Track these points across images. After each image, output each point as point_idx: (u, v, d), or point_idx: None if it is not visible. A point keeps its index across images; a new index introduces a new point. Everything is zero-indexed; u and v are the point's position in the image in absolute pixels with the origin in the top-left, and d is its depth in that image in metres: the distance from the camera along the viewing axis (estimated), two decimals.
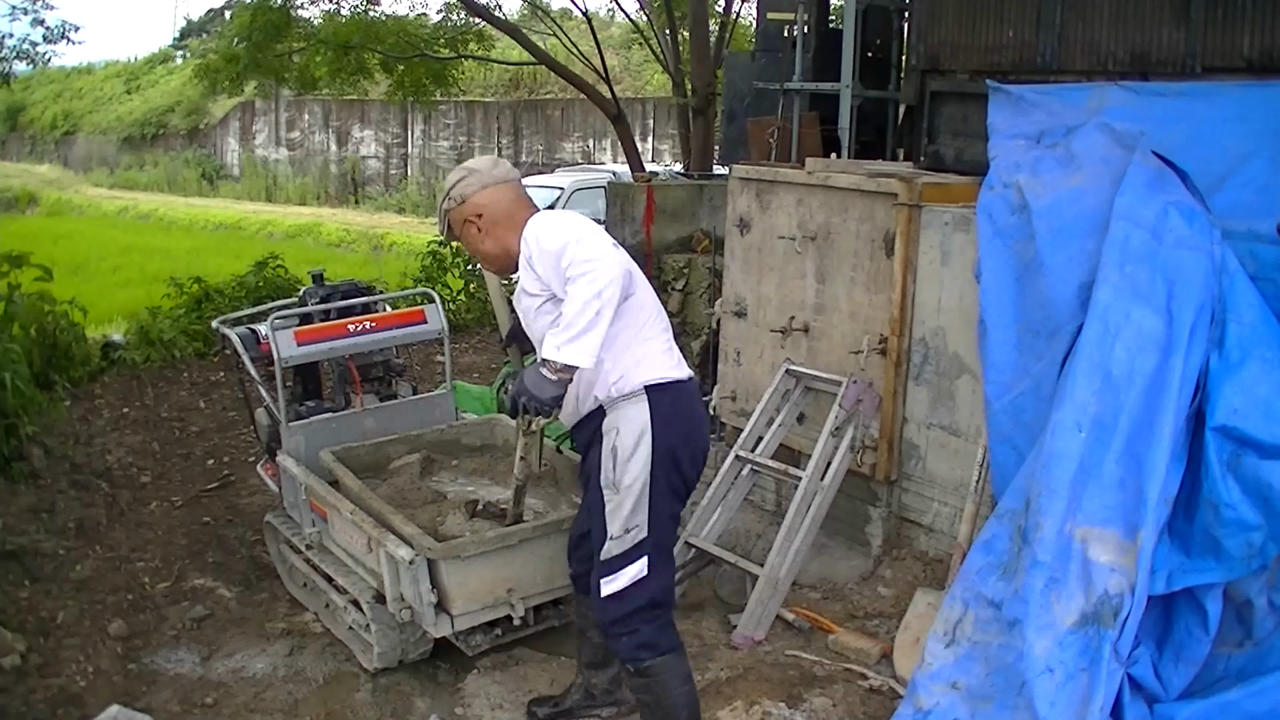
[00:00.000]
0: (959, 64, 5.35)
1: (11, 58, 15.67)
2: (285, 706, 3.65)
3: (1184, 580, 2.99)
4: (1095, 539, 2.88)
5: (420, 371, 7.24)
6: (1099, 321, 3.10)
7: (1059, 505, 2.94)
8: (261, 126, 32.16)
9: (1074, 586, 2.85)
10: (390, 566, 3.49)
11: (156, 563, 4.69)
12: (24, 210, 29.03)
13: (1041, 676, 2.76)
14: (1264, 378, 2.99)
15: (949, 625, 3.07)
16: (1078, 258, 3.29)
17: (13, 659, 3.73)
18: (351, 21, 12.76)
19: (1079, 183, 3.41)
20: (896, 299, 4.27)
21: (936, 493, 4.28)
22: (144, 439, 6.04)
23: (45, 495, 5.03)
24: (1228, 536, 2.92)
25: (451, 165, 28.57)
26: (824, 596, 4.37)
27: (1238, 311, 3.08)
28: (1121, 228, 3.17)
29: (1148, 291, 3.08)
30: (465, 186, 3.14)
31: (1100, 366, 3.04)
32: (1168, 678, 3.03)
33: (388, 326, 4.47)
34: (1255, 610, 2.99)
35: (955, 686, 2.95)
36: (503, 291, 3.67)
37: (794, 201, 4.72)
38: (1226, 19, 4.37)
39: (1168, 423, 2.93)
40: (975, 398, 4.01)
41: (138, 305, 9.86)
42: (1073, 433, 3.00)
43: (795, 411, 4.68)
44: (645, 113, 23.75)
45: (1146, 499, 2.88)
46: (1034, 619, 2.85)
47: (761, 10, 7.91)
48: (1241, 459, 2.94)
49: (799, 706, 3.47)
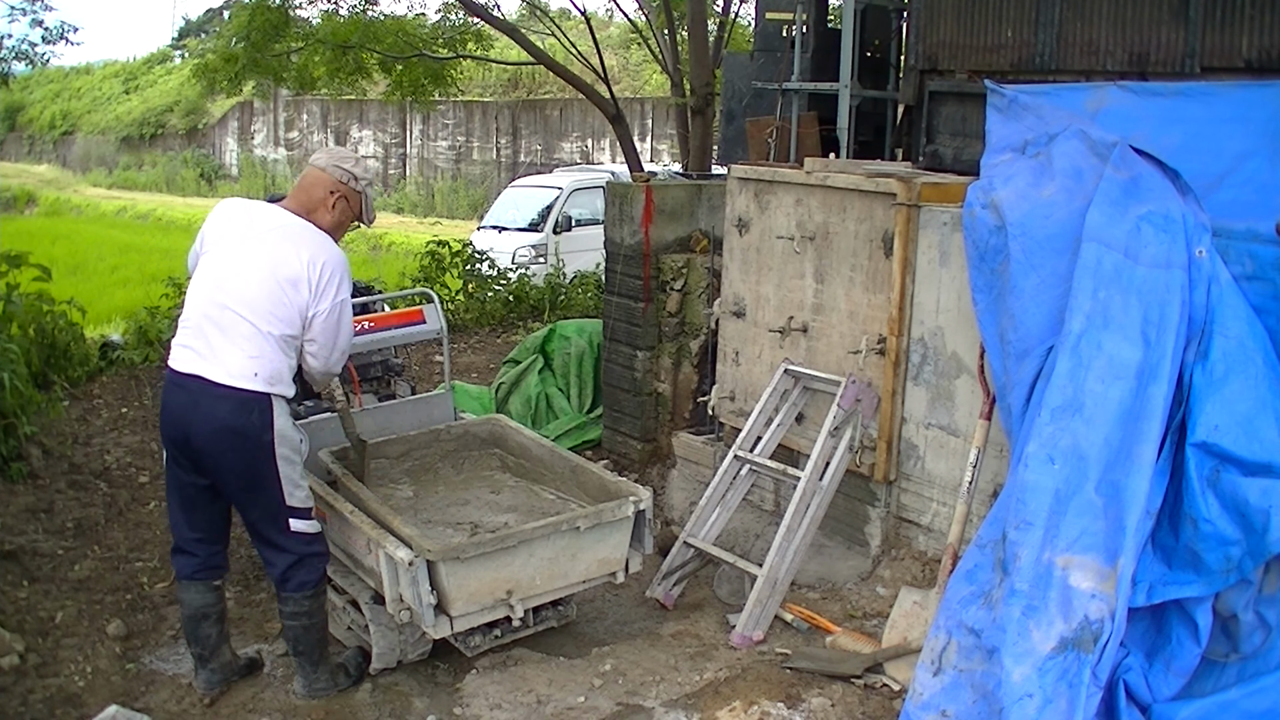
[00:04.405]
0: (957, 64, 5.36)
1: (10, 58, 15.68)
2: (284, 707, 3.65)
3: (1164, 593, 3.01)
4: (1076, 566, 2.90)
5: (419, 371, 7.23)
6: (1071, 353, 3.09)
7: (1035, 535, 2.96)
8: (260, 126, 32.16)
9: (1053, 613, 2.87)
10: (389, 567, 3.49)
11: (155, 563, 4.69)
12: (22, 210, 29.04)
13: (1020, 702, 2.78)
14: (1246, 394, 2.99)
15: (935, 654, 3.08)
16: (1049, 280, 3.30)
17: (11, 659, 3.73)
18: (350, 21, 12.76)
19: (1050, 194, 3.40)
20: (895, 299, 4.27)
21: (935, 493, 4.28)
22: (142, 439, 6.03)
23: (44, 495, 5.02)
24: (1207, 550, 2.94)
25: (450, 165, 28.74)
26: (822, 596, 4.37)
27: (1224, 324, 3.07)
28: (1093, 250, 3.16)
29: (1121, 318, 3.07)
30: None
31: (1074, 401, 3.04)
32: (1158, 687, 3.04)
33: (386, 326, 4.47)
34: (1241, 625, 3.01)
35: (945, 715, 2.97)
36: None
37: (792, 201, 4.72)
38: (1225, 19, 4.38)
39: (1147, 450, 2.95)
40: (974, 398, 4.02)
41: (136, 305, 9.83)
42: (1045, 465, 3.01)
43: (794, 411, 4.69)
44: (644, 113, 23.77)
45: (1125, 527, 2.90)
46: (1011, 646, 2.87)
47: (760, 10, 7.91)
48: (1221, 475, 2.95)
49: (798, 707, 3.47)
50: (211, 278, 3.48)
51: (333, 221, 3.61)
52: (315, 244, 3.52)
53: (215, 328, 3.42)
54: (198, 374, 3.41)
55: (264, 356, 3.41)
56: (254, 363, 3.39)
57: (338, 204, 3.61)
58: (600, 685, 3.67)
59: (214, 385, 3.38)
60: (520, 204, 14.87)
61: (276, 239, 3.49)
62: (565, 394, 6.39)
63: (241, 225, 3.54)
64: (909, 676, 3.29)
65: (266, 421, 3.42)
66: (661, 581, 4.46)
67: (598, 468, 4.30)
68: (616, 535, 3.82)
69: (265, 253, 3.46)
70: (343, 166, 3.63)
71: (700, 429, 5.67)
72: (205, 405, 3.39)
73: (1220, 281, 3.13)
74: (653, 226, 5.71)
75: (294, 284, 3.44)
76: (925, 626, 3.53)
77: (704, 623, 4.22)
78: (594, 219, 12.94)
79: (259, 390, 3.40)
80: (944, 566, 3.74)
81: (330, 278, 3.49)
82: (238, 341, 3.40)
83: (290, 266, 3.45)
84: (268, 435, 3.42)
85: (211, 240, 3.55)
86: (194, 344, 3.44)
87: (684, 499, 5.43)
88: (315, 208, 3.59)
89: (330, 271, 3.50)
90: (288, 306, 3.44)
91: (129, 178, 33.47)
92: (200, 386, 3.40)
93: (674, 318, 5.80)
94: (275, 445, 3.44)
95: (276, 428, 3.44)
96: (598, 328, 6.33)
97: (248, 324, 3.40)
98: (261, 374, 3.40)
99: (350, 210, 3.66)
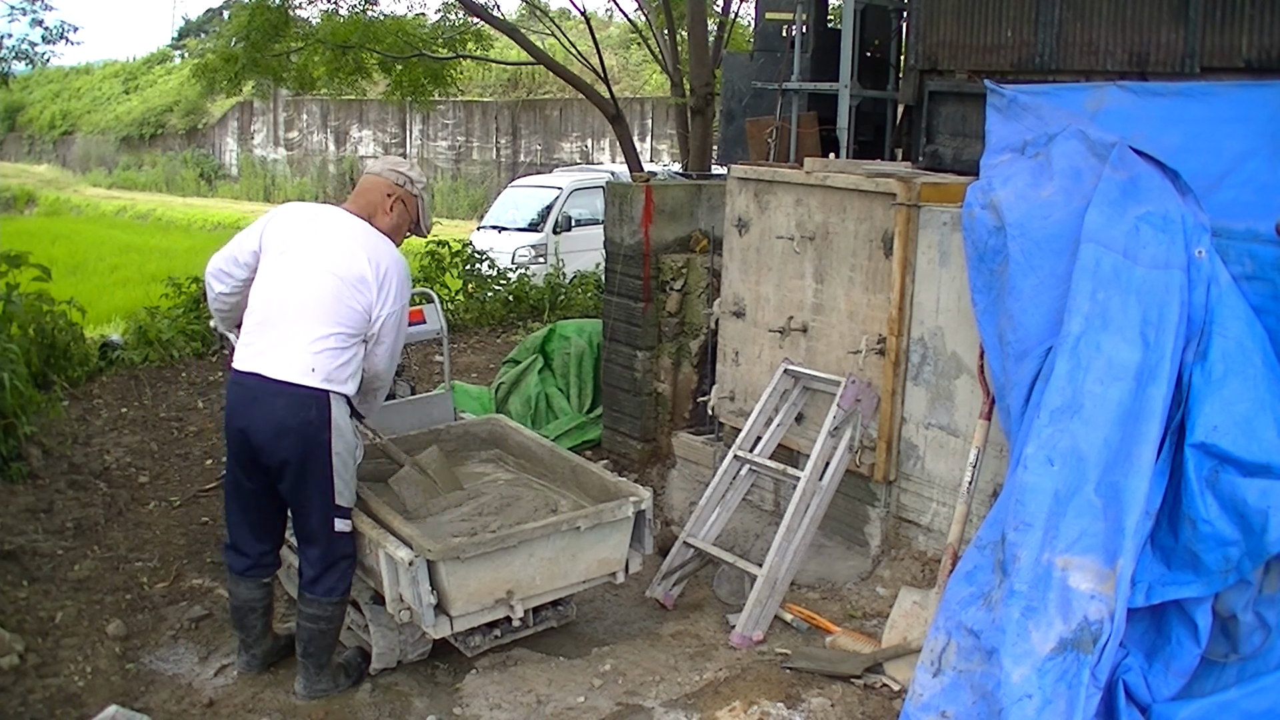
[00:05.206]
0: (957, 64, 5.36)
1: (10, 58, 15.70)
2: (284, 707, 3.65)
3: (1163, 593, 3.01)
4: (1076, 567, 2.90)
5: (419, 371, 7.23)
6: (1070, 354, 3.09)
7: (1035, 536, 2.96)
8: (260, 126, 32.16)
9: (1052, 614, 2.87)
10: (389, 567, 3.49)
11: (155, 563, 4.69)
12: (22, 210, 29.06)
13: (1019, 703, 2.79)
14: (1245, 394, 2.99)
15: (934, 655, 3.09)
16: (1048, 281, 3.31)
17: (11, 659, 3.73)
18: (349, 21, 12.77)
19: (1048, 195, 3.41)
20: (895, 299, 4.27)
21: (935, 493, 4.29)
22: (142, 439, 6.04)
23: (43, 495, 5.03)
24: (1205, 551, 2.95)
25: (450, 165, 28.74)
26: (822, 596, 4.37)
27: (1223, 325, 3.07)
28: (1091, 251, 3.16)
29: (1120, 319, 3.07)
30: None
31: (1073, 402, 3.04)
32: (1157, 688, 3.05)
33: None
34: (1241, 625, 3.01)
35: (944, 716, 2.97)
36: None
37: (792, 201, 4.72)
38: (1225, 19, 4.38)
39: (1146, 451, 2.95)
40: (974, 398, 4.02)
41: (136, 305, 9.86)
42: (1044, 466, 3.02)
43: (794, 411, 4.69)
44: (644, 113, 23.78)
45: (1124, 528, 2.90)
46: (1010, 647, 2.87)
47: (760, 10, 7.90)
48: (1220, 476, 2.95)
49: (797, 707, 3.47)
50: (276, 278, 3.54)
51: (391, 224, 3.70)
52: (378, 245, 3.60)
53: (276, 327, 3.48)
54: (257, 371, 3.46)
55: (323, 354, 3.46)
56: (313, 359, 3.45)
57: (395, 206, 3.70)
58: (600, 685, 3.67)
59: (272, 382, 3.44)
60: (520, 204, 14.87)
61: (340, 240, 3.57)
62: (565, 394, 6.39)
63: (306, 228, 3.61)
64: (909, 677, 3.29)
65: (325, 419, 3.46)
66: (661, 581, 4.46)
67: (598, 468, 4.30)
68: (616, 535, 3.83)
69: (329, 253, 3.53)
70: (399, 170, 3.76)
71: (700, 429, 5.67)
72: (264, 401, 3.45)
73: (1219, 282, 3.13)
74: (652, 226, 5.71)
75: (358, 284, 3.51)
76: (925, 627, 3.53)
77: (704, 623, 4.22)
78: (594, 219, 12.94)
79: (317, 387, 3.45)
80: (944, 567, 3.74)
81: (394, 280, 3.57)
82: (297, 339, 3.45)
83: (355, 267, 3.51)
84: (325, 433, 3.46)
85: (276, 242, 3.59)
86: (256, 343, 3.51)
87: (684, 499, 5.43)
88: (374, 211, 3.68)
89: (394, 274, 3.58)
90: (350, 306, 3.49)
91: (129, 178, 33.48)
92: (259, 384, 3.45)
93: (674, 318, 5.80)
94: (332, 443, 3.48)
95: (334, 425, 3.48)
96: (597, 328, 6.33)
97: (308, 323, 3.46)
98: (320, 370, 3.45)
99: (407, 214, 3.76)
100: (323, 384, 3.45)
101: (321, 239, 3.56)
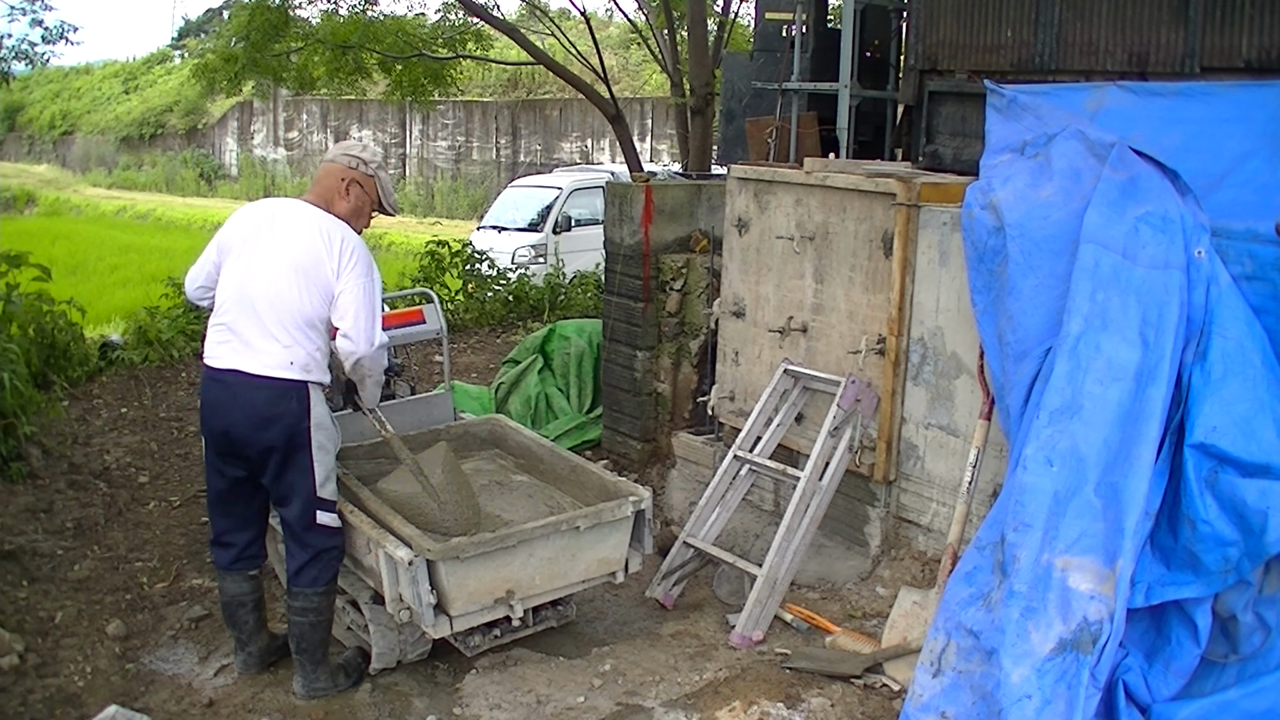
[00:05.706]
0: (957, 64, 5.35)
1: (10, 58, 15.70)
2: (284, 707, 3.65)
3: (1163, 594, 3.01)
4: (1075, 568, 2.90)
5: (419, 371, 7.23)
6: (1069, 355, 3.09)
7: (1034, 537, 2.96)
8: (259, 126, 32.15)
9: (1052, 614, 2.87)
10: (389, 567, 3.49)
11: (155, 563, 4.69)
12: (22, 210, 29.05)
13: (1019, 704, 2.79)
14: (1245, 395, 2.99)
15: (934, 656, 3.09)
16: (1047, 281, 3.31)
17: (11, 659, 3.73)
18: (349, 21, 12.77)
19: (1048, 195, 3.41)
20: (895, 299, 4.27)
21: (935, 493, 4.28)
22: (142, 439, 6.04)
23: (43, 495, 5.03)
24: (1205, 551, 2.95)
25: (450, 165, 28.72)
26: (822, 596, 4.37)
27: (1223, 326, 3.07)
28: (1091, 252, 3.16)
29: (1120, 319, 3.07)
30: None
31: (1072, 403, 3.04)
32: (1157, 688, 3.05)
33: (386, 326, 4.46)
34: (1241, 625, 3.01)
35: (944, 716, 2.98)
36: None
37: (792, 201, 4.72)
38: (1225, 19, 4.38)
39: (1145, 452, 2.95)
40: (973, 398, 4.02)
41: (136, 305, 9.85)
42: (1043, 467, 3.02)
43: (794, 411, 4.69)
44: (644, 113, 23.77)
45: (1124, 528, 2.90)
46: (1010, 648, 2.87)
47: (760, 10, 7.90)
48: (1219, 476, 2.95)
49: (797, 707, 3.47)
50: (238, 275, 3.57)
51: (350, 208, 3.71)
52: (332, 225, 3.62)
53: (247, 323, 3.52)
54: (235, 368, 3.51)
55: (297, 345, 3.51)
56: (288, 352, 3.50)
57: (351, 189, 3.70)
58: (600, 685, 3.67)
59: (252, 377, 3.48)
60: (520, 204, 14.87)
61: (296, 229, 3.59)
62: (565, 394, 6.39)
63: (264, 222, 3.64)
64: (908, 677, 3.29)
65: (304, 409, 3.52)
66: (661, 581, 4.46)
67: (597, 468, 4.30)
68: (616, 535, 3.83)
69: (286, 244, 3.56)
70: (350, 154, 3.75)
71: (700, 429, 5.67)
72: (244, 396, 3.49)
73: (1219, 282, 3.13)
74: (652, 226, 5.71)
75: (316, 265, 3.53)
76: (925, 627, 3.53)
77: (704, 623, 4.22)
78: (594, 219, 12.94)
79: (296, 379, 3.50)
80: (944, 567, 3.74)
81: (351, 254, 3.58)
82: (271, 333, 3.50)
83: (310, 250, 3.54)
84: (305, 423, 3.52)
85: (235, 241, 3.63)
86: (229, 341, 3.54)
87: (684, 499, 5.43)
88: (331, 198, 3.69)
89: (351, 248, 3.59)
90: (312, 289, 3.52)
91: (129, 178, 33.47)
92: (238, 380, 3.50)
93: (674, 318, 5.80)
94: (312, 433, 3.53)
95: (314, 416, 3.54)
96: (597, 328, 6.33)
97: (278, 315, 3.50)
98: (297, 362, 3.51)
99: (366, 195, 3.75)
100: (300, 375, 3.51)
101: (278, 232, 3.59)
